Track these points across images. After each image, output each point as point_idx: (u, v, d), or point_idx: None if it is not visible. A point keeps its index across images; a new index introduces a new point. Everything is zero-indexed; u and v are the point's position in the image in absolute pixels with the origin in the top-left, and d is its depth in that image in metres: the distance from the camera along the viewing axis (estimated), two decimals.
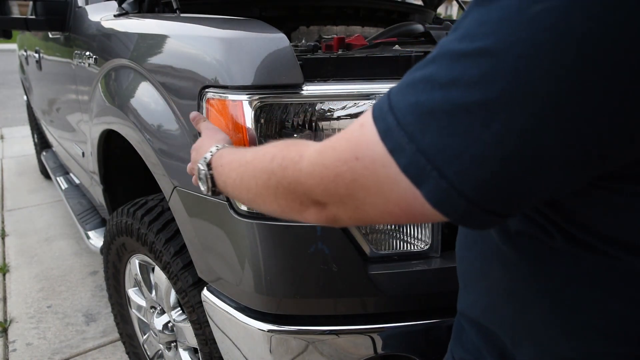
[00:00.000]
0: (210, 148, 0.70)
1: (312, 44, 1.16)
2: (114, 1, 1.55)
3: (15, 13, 2.07)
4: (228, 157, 0.65)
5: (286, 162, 0.49)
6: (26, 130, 5.28)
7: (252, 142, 0.88)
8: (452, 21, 2.22)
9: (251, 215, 0.91)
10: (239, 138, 0.89)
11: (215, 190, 0.68)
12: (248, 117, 0.87)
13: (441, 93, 0.36)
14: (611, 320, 0.44)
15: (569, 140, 0.33)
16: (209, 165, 0.68)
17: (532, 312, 0.50)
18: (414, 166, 0.37)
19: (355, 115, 0.94)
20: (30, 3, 1.80)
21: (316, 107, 0.91)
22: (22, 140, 5.34)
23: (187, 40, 1.04)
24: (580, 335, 0.47)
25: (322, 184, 0.44)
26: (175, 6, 1.31)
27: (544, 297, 0.48)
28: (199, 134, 0.84)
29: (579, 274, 0.45)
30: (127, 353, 1.75)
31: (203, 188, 0.70)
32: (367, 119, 0.41)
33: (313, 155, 0.46)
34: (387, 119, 0.39)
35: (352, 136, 0.42)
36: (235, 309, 1.01)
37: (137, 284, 1.55)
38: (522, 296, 0.51)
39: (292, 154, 0.49)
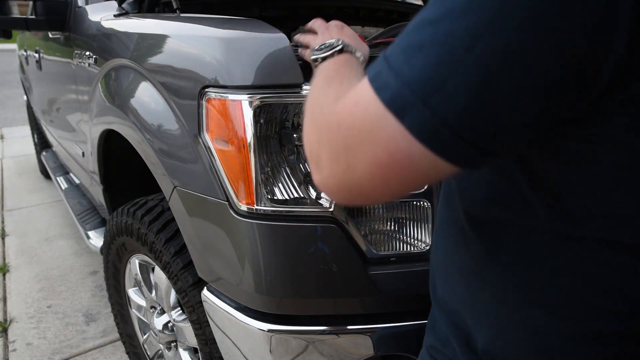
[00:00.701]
0: (359, 49, 0.70)
1: None
2: (114, 1, 1.55)
3: (15, 13, 2.07)
4: (343, 62, 0.65)
5: (322, 103, 0.50)
6: (26, 130, 5.28)
7: (252, 142, 0.88)
8: None
9: (251, 215, 0.91)
10: (239, 138, 0.89)
11: (316, 63, 0.69)
12: (248, 117, 0.87)
13: (430, 28, 0.38)
14: (559, 296, 0.46)
15: (551, 59, 0.34)
16: (342, 50, 0.68)
17: (488, 290, 0.52)
18: (398, 99, 0.38)
19: None
20: (30, 3, 1.79)
21: None
22: (22, 140, 5.34)
23: (187, 40, 1.04)
24: (529, 312, 0.48)
25: (328, 134, 0.45)
26: (175, 6, 1.31)
27: (498, 275, 0.50)
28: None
29: (529, 252, 0.46)
30: (127, 353, 1.75)
31: (315, 53, 0.70)
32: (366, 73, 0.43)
33: (331, 106, 0.47)
34: (378, 65, 0.41)
35: (357, 87, 0.43)
36: (236, 308, 1.01)
37: (137, 283, 1.55)
38: (480, 275, 0.52)
39: (328, 99, 0.49)
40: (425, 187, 0.91)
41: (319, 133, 0.47)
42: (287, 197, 0.91)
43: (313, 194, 0.91)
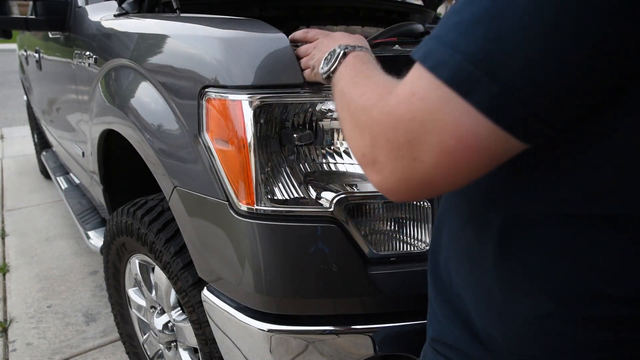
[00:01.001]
0: (358, 43, 0.70)
1: None
2: (114, 1, 1.55)
3: (15, 13, 2.07)
4: (359, 64, 0.64)
5: (367, 105, 0.48)
6: (26, 130, 5.28)
7: (252, 142, 0.88)
8: None
9: (251, 215, 0.91)
10: (239, 138, 0.89)
11: (331, 75, 0.68)
12: (248, 117, 0.87)
13: (484, 3, 0.36)
14: (559, 280, 0.46)
15: (618, 22, 0.33)
16: (345, 54, 0.68)
17: (490, 274, 0.51)
18: (460, 76, 0.37)
19: None
20: (30, 3, 1.79)
21: (316, 107, 0.91)
22: (22, 140, 5.34)
23: (187, 40, 1.04)
24: (531, 296, 0.48)
25: (385, 132, 0.43)
26: (175, 6, 1.30)
27: (500, 259, 0.50)
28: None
29: (532, 235, 0.46)
30: (127, 353, 1.75)
31: (323, 68, 0.70)
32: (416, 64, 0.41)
33: (382, 105, 0.45)
34: (429, 46, 0.40)
35: (409, 77, 0.42)
36: (236, 308, 1.01)
37: (137, 283, 1.55)
38: (482, 259, 0.52)
39: (373, 99, 0.48)
40: None
41: (371, 135, 0.45)
42: (287, 197, 0.91)
43: (313, 194, 0.91)
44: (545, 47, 0.34)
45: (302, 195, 0.91)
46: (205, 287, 1.11)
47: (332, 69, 0.68)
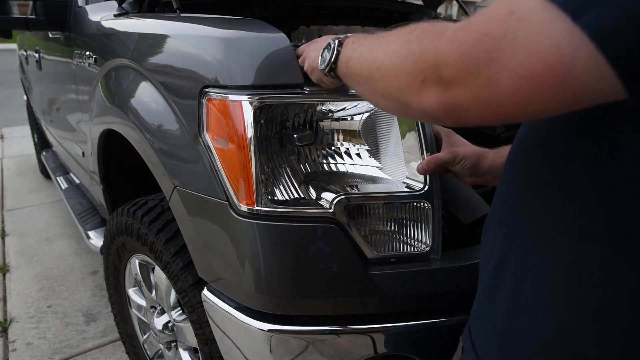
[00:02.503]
0: (346, 35, 0.70)
1: None
2: (114, 1, 1.55)
3: (15, 13, 2.07)
4: (363, 37, 0.62)
5: (426, 34, 0.45)
6: (26, 130, 5.28)
7: (253, 142, 0.88)
8: (453, 21, 2.22)
9: (251, 215, 0.91)
10: (239, 138, 0.89)
11: (333, 67, 0.68)
12: (248, 117, 0.87)
13: None
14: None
15: None
16: (341, 43, 0.67)
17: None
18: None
19: (354, 115, 0.94)
20: (30, 3, 1.79)
21: (316, 108, 0.91)
22: (22, 140, 5.34)
23: (187, 40, 1.04)
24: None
25: (460, 47, 0.40)
26: (175, 6, 1.31)
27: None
28: None
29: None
30: (127, 353, 1.75)
31: (322, 64, 0.70)
32: None
33: (460, 25, 0.42)
34: None
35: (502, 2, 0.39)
36: (236, 308, 1.01)
37: (137, 283, 1.55)
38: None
39: (437, 27, 0.45)
40: (426, 188, 0.91)
41: (436, 54, 0.42)
42: (288, 198, 0.91)
43: (313, 194, 0.91)
44: None
45: (302, 196, 0.91)
46: (205, 287, 1.11)
47: (332, 58, 0.68)
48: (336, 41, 0.68)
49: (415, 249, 0.94)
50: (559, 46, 0.35)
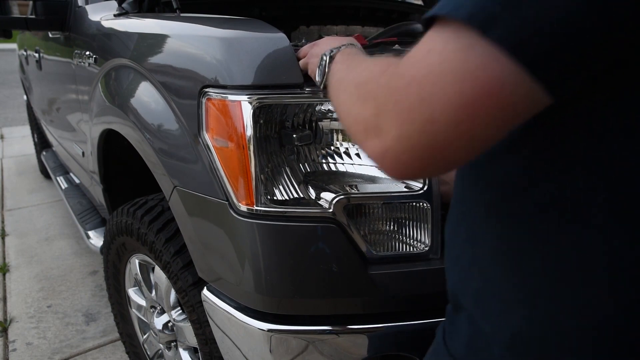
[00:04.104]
0: (342, 43, 0.71)
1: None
2: (114, 1, 1.55)
3: (15, 13, 2.07)
4: (349, 56, 0.65)
5: (372, 76, 0.46)
6: (26, 130, 5.28)
7: (252, 142, 0.88)
8: None
9: (251, 215, 0.91)
10: (239, 138, 0.89)
11: (326, 84, 0.69)
12: (247, 117, 0.87)
13: None
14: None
15: None
16: (332, 57, 0.69)
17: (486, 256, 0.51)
18: (480, 12, 0.35)
19: None
20: (30, 3, 1.79)
21: (316, 107, 0.91)
22: (22, 140, 5.34)
23: (187, 39, 1.04)
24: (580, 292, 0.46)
25: (393, 97, 0.40)
26: (175, 6, 1.31)
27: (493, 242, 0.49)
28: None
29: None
30: (127, 353, 1.75)
31: (318, 78, 0.73)
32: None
33: (393, 70, 0.42)
34: (439, 5, 0.38)
35: (422, 40, 0.40)
36: (236, 308, 1.01)
37: (137, 283, 1.55)
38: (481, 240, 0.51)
39: (382, 68, 0.45)
40: (425, 188, 0.91)
41: (375, 102, 0.43)
42: (287, 197, 0.91)
43: (313, 194, 0.91)
44: None
45: (301, 196, 0.91)
46: (205, 287, 1.11)
47: (324, 76, 0.70)
48: (328, 57, 0.69)
49: (415, 249, 0.94)
50: (484, 66, 0.35)
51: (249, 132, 0.87)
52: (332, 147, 0.95)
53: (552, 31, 0.33)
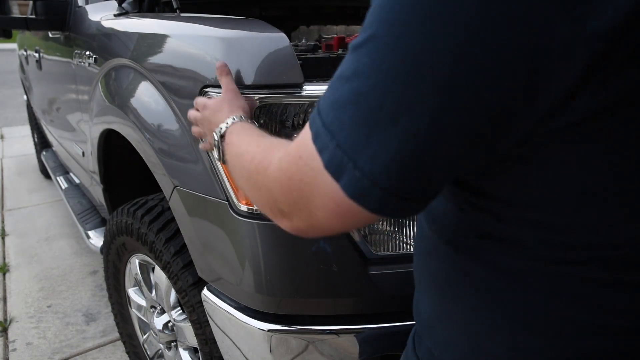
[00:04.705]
0: (227, 119, 0.71)
1: (313, 43, 1.16)
2: (114, 1, 1.55)
3: (15, 13, 2.07)
4: (235, 138, 0.66)
5: (260, 167, 0.52)
6: (26, 130, 5.28)
7: None
8: None
9: (251, 215, 0.91)
10: None
11: (226, 160, 0.70)
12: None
13: (347, 86, 0.38)
14: (544, 316, 0.45)
15: (460, 106, 0.34)
16: (222, 137, 0.69)
17: (462, 307, 0.52)
18: (334, 161, 0.39)
19: None
20: (30, 3, 1.79)
21: None
22: (22, 140, 5.34)
23: (188, 39, 1.04)
24: (511, 332, 0.48)
25: (281, 188, 0.47)
26: (175, 6, 1.31)
27: (473, 292, 0.50)
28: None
29: (509, 272, 0.46)
30: (127, 353, 1.75)
31: (216, 155, 0.72)
32: (308, 123, 0.44)
33: (276, 161, 0.48)
34: (316, 122, 0.42)
35: (299, 139, 0.45)
36: (236, 308, 1.01)
37: (137, 283, 1.55)
38: (454, 290, 0.53)
39: (265, 160, 0.51)
40: None
41: (269, 193, 0.49)
42: None
43: None
44: (392, 135, 0.36)
45: None
46: (205, 287, 1.11)
47: (222, 155, 0.70)
48: (218, 136, 0.69)
49: (414, 249, 0.94)
50: (338, 197, 0.40)
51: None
52: None
53: (386, 180, 0.38)
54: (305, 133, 0.43)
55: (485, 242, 0.46)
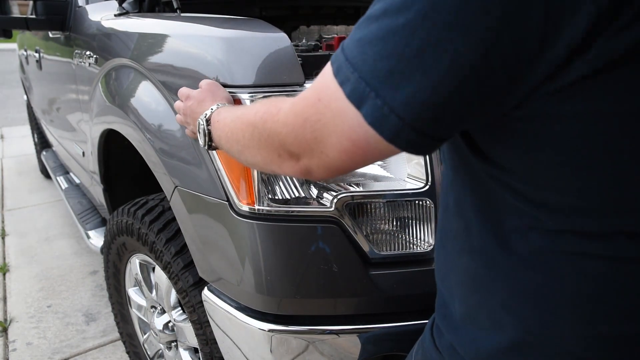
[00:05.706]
0: (212, 105, 0.75)
1: (313, 43, 1.16)
2: (115, 1, 1.55)
3: (15, 13, 2.07)
4: (224, 113, 0.71)
5: (266, 116, 0.55)
6: (26, 129, 5.28)
7: None
8: None
9: (252, 215, 0.91)
10: None
11: (211, 145, 0.74)
12: None
13: (376, 24, 0.42)
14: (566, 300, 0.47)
15: (479, 48, 0.37)
16: (208, 121, 0.73)
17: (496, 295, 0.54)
18: (356, 91, 0.43)
19: None
20: (30, 3, 1.79)
21: None
22: (22, 140, 5.34)
23: (188, 39, 1.04)
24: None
25: (293, 131, 0.50)
26: (175, 6, 1.31)
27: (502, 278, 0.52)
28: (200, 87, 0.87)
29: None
30: (127, 353, 1.75)
31: (200, 141, 0.75)
32: (327, 66, 0.47)
33: (287, 107, 0.52)
34: (339, 59, 0.45)
35: (316, 83, 0.48)
36: (236, 308, 1.01)
37: (137, 283, 1.55)
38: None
39: (272, 108, 0.55)
40: (428, 186, 0.91)
41: (278, 137, 0.53)
42: (288, 197, 0.91)
43: (314, 193, 0.91)
44: (414, 69, 0.39)
45: (303, 195, 0.91)
46: (205, 287, 1.11)
47: (207, 139, 0.73)
48: (205, 121, 0.73)
49: (417, 248, 0.94)
50: (355, 131, 0.44)
51: None
52: None
53: (403, 111, 0.41)
54: (323, 77, 0.47)
55: (526, 234, 0.47)
